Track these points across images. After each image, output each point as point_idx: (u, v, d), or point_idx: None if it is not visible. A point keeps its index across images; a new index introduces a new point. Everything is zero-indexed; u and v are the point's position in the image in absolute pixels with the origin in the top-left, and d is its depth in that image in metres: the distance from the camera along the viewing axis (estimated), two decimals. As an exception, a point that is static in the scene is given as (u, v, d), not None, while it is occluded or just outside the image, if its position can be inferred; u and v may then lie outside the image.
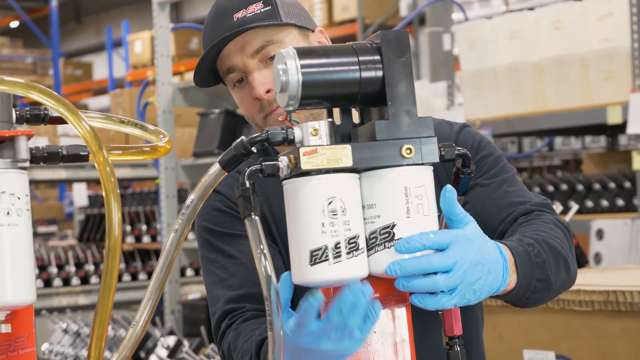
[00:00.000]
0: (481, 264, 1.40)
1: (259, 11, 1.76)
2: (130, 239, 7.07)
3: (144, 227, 7.11)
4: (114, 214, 1.25)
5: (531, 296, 1.57)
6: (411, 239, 1.35)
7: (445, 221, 1.46)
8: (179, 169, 5.46)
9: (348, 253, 1.35)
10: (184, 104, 5.54)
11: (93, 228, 7.80)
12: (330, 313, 1.38)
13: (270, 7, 1.77)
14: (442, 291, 1.37)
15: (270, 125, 1.68)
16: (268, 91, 1.76)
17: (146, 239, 7.07)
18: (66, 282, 6.88)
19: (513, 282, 1.50)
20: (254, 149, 1.39)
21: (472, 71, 5.41)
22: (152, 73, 5.50)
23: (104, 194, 1.25)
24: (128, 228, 7.07)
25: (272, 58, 1.76)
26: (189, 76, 12.99)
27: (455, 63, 6.22)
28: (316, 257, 1.35)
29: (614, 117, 4.62)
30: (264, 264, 1.33)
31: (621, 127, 4.79)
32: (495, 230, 1.72)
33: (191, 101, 5.54)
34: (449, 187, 1.42)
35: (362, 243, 1.38)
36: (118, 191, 1.26)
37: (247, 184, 1.36)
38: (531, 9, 5.90)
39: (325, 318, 1.38)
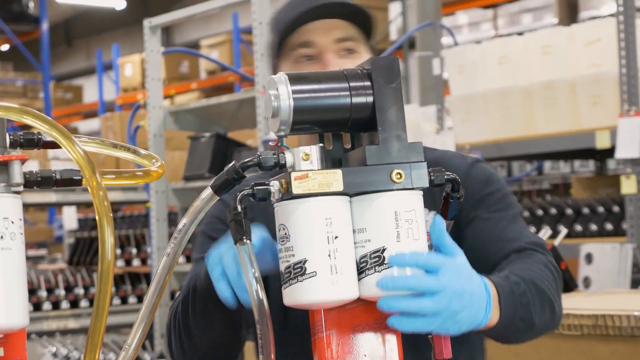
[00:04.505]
0: (467, 295, 1.40)
1: (353, 3, 1.82)
2: (120, 263, 7.06)
3: (134, 251, 7.10)
4: (107, 237, 1.26)
5: (512, 335, 1.57)
6: (403, 256, 1.36)
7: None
8: (169, 193, 5.47)
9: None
10: (174, 127, 5.56)
11: (83, 251, 7.78)
12: None
13: (362, 9, 1.83)
14: (423, 315, 1.37)
15: None
16: None
17: (136, 262, 7.06)
18: (56, 305, 6.86)
19: (495, 318, 1.49)
20: (245, 174, 1.41)
21: (462, 95, 5.44)
22: (143, 96, 5.52)
23: (97, 217, 1.26)
24: (118, 251, 7.06)
25: (347, 51, 1.81)
26: (180, 99, 13.02)
27: (444, 87, 6.25)
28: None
29: (602, 142, 4.64)
30: (256, 288, 1.35)
31: (610, 152, 4.81)
32: (487, 264, 1.72)
33: (182, 125, 5.56)
34: (438, 217, 1.43)
35: (353, 266, 1.39)
36: (111, 215, 1.27)
37: (239, 208, 1.37)
38: (520, 33, 5.94)
39: None
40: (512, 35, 5.89)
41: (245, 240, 1.37)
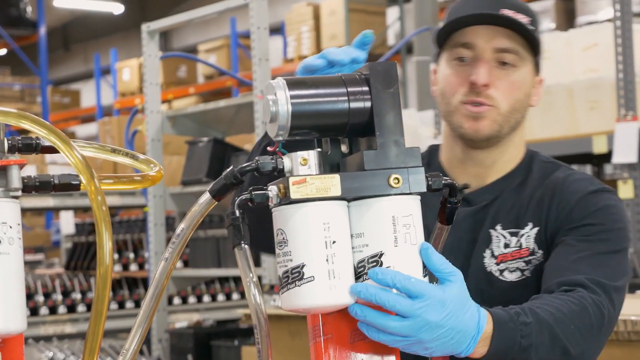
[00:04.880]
0: (443, 329, 1.38)
1: (524, 23, 1.82)
2: (117, 267, 7.06)
3: (131, 255, 7.10)
4: (105, 242, 1.26)
5: None
6: (385, 272, 1.35)
7: (439, 231, 1.51)
8: (167, 197, 5.47)
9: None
10: (172, 132, 5.56)
11: (80, 256, 7.77)
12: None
13: (534, 28, 1.84)
14: (390, 333, 1.36)
15: (458, 112, 1.81)
16: (485, 86, 1.81)
17: (134, 267, 7.05)
18: (53, 310, 6.85)
19: (479, 354, 1.48)
20: (244, 179, 1.41)
21: (459, 100, 5.44)
22: (140, 101, 5.53)
23: (95, 222, 1.26)
24: (116, 256, 7.06)
25: (503, 63, 1.82)
26: (177, 104, 13.03)
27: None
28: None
29: (599, 147, 4.65)
30: (253, 292, 1.35)
31: (607, 157, 4.82)
32: (539, 290, 1.72)
33: (180, 129, 5.57)
34: (424, 243, 1.40)
35: (350, 271, 1.39)
36: (109, 220, 1.27)
37: (237, 213, 1.38)
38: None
39: None
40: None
41: (243, 245, 1.37)
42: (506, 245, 1.83)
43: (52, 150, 1.39)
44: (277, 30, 12.44)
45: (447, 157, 1.93)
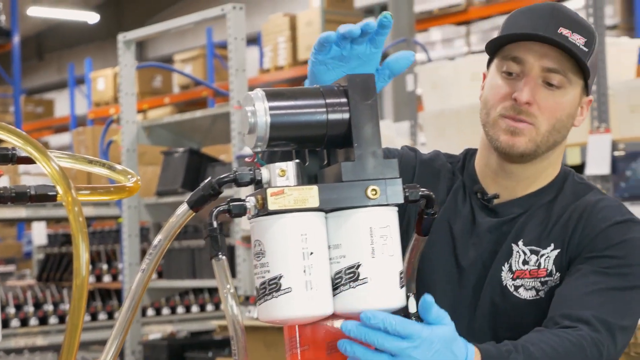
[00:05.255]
0: None
1: (579, 45, 1.78)
2: (90, 279, 7.01)
3: (104, 267, 7.06)
4: (82, 253, 1.25)
5: None
6: (376, 315, 1.36)
7: (416, 242, 1.51)
8: (142, 208, 5.45)
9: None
10: (148, 142, 5.54)
11: (52, 267, 7.72)
12: None
13: (587, 50, 1.80)
14: None
15: (496, 125, 1.79)
16: (527, 104, 1.78)
17: (107, 278, 7.02)
18: (24, 322, 6.78)
19: None
20: (222, 189, 1.41)
21: (435, 111, 5.47)
22: (115, 111, 5.51)
23: (72, 233, 1.26)
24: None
25: (548, 83, 1.80)
26: (152, 114, 12.99)
27: (418, 103, 6.28)
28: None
29: (573, 158, 4.68)
30: (231, 303, 1.35)
31: (580, 168, 4.85)
32: (543, 319, 1.71)
33: (155, 139, 5.55)
34: (427, 296, 1.41)
35: (328, 282, 1.39)
36: (86, 231, 1.26)
37: (215, 224, 1.38)
38: (492, 51, 5.98)
39: None
40: (484, 52, 5.92)
41: (220, 256, 1.37)
42: (525, 262, 1.80)
43: (28, 161, 1.38)
44: (253, 40, 12.44)
45: (481, 165, 1.90)
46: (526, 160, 1.83)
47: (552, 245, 1.79)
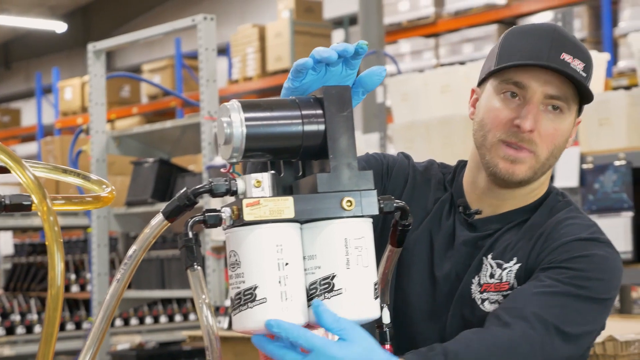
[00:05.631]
0: None
1: (579, 71, 1.77)
2: (58, 289, 6.96)
3: (72, 277, 7.01)
4: (57, 263, 1.25)
5: None
6: (281, 325, 1.36)
7: (390, 254, 1.53)
8: (111, 218, 5.43)
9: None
10: (117, 152, 5.52)
11: (20, 277, 7.66)
12: None
13: (586, 75, 1.79)
14: None
15: (495, 150, 1.77)
16: (530, 132, 1.76)
17: (75, 288, 6.97)
18: (-9, 332, 6.73)
19: None
20: (197, 200, 1.41)
21: (405, 123, 5.50)
22: (83, 120, 5.49)
23: (47, 243, 1.25)
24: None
25: (550, 108, 1.78)
26: (120, 124, 12.93)
27: (387, 115, 6.31)
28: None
29: (541, 171, 4.72)
30: (206, 314, 1.36)
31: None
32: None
33: (124, 150, 5.53)
34: (316, 301, 1.39)
35: (302, 293, 1.40)
36: (61, 240, 1.26)
37: (190, 234, 1.38)
38: (462, 63, 6.03)
39: None
40: (454, 64, 5.98)
41: (195, 266, 1.38)
42: (491, 276, 1.80)
43: (2, 170, 1.38)
44: (222, 51, 12.43)
45: (468, 181, 1.89)
46: (522, 185, 1.83)
47: (515, 259, 1.79)
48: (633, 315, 4.64)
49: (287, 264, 1.38)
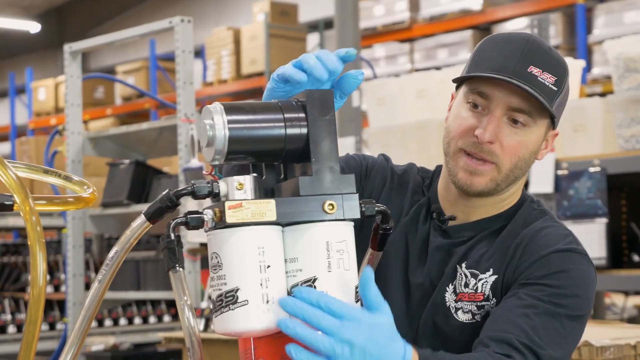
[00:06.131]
0: (366, 354, 1.37)
1: (548, 84, 1.75)
2: (31, 290, 6.92)
3: (47, 277, 6.96)
4: (39, 263, 1.25)
5: None
6: (311, 291, 1.36)
7: (371, 257, 1.53)
8: (86, 219, 5.41)
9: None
10: (93, 153, 5.50)
11: (-8, 278, 7.60)
12: None
13: (556, 89, 1.76)
14: (317, 352, 1.35)
15: (456, 159, 1.77)
16: (490, 142, 1.75)
17: (49, 289, 6.93)
18: (-38, 333, 6.67)
19: None
20: (179, 202, 1.41)
21: (380, 127, 5.52)
22: (56, 121, 5.46)
23: (29, 243, 1.25)
24: (30, 278, 6.93)
25: (514, 121, 1.76)
26: (94, 125, 12.86)
27: (363, 119, 6.32)
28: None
29: (516, 176, 4.75)
30: (187, 315, 1.36)
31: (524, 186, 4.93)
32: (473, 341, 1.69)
33: (100, 151, 5.51)
34: (368, 269, 1.40)
35: (284, 295, 1.40)
36: (44, 241, 1.26)
37: (172, 236, 1.38)
38: (437, 68, 6.06)
39: None
40: (428, 69, 6.01)
41: (178, 268, 1.38)
42: (466, 285, 1.79)
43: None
44: (197, 53, 12.40)
45: (442, 187, 1.88)
46: (484, 196, 1.82)
47: (491, 271, 1.78)
48: (606, 320, 4.68)
49: (268, 266, 1.39)
